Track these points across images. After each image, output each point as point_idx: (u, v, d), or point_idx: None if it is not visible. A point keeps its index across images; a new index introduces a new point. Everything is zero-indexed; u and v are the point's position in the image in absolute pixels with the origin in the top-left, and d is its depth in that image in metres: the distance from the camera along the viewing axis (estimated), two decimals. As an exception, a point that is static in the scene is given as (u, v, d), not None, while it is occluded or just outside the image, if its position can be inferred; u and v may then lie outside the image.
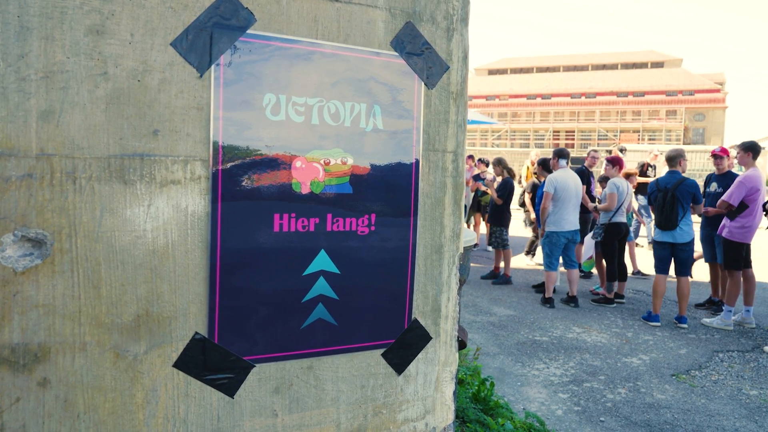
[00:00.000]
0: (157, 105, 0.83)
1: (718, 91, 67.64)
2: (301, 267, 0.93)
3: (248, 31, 0.87)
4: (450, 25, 1.03)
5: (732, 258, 6.16)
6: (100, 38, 0.79)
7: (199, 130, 0.86)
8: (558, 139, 67.52)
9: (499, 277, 8.25)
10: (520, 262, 9.96)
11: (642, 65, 75.98)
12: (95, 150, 0.80)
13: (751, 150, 6.19)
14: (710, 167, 10.01)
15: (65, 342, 0.80)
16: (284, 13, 0.89)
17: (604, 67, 77.54)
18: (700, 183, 7.45)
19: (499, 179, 8.48)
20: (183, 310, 0.86)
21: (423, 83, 1.00)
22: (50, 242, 0.77)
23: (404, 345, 1.01)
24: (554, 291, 7.39)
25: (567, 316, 6.62)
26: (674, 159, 6.49)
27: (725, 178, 6.68)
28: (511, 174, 8.43)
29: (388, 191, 0.98)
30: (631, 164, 10.10)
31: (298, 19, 0.90)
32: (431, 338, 1.04)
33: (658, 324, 6.33)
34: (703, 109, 67.20)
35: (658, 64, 75.92)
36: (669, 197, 6.19)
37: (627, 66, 76.53)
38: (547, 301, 7.05)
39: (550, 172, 7.74)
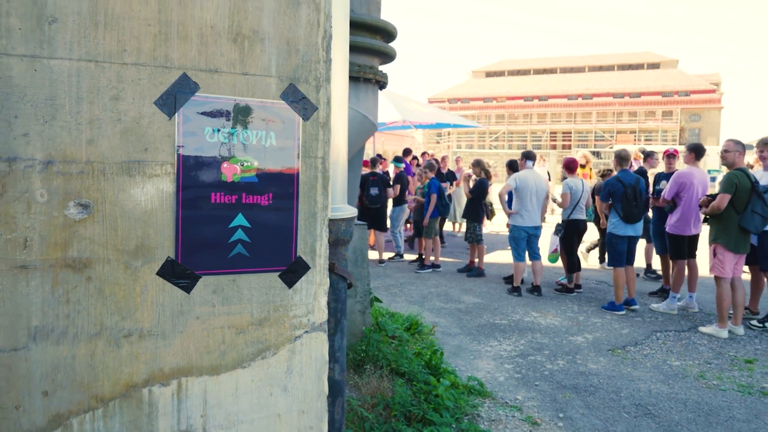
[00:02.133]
0: (147, 135, 1.51)
1: (713, 91, 67.89)
2: (228, 222, 1.61)
3: (196, 93, 1.55)
4: (318, 83, 1.71)
5: (673, 249, 6.85)
6: (117, 101, 1.47)
7: (169, 147, 1.54)
8: (555, 140, 67.92)
9: (472, 270, 8.92)
10: (496, 257, 10.64)
11: (638, 66, 76.24)
12: (115, 159, 1.48)
13: (694, 151, 6.87)
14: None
15: (99, 258, 1.48)
16: (216, 83, 1.57)
17: (600, 68, 77.75)
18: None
19: (476, 178, 9.15)
20: (161, 244, 1.54)
21: (301, 118, 1.68)
22: (92, 206, 1.46)
23: (292, 270, 1.70)
24: (521, 282, 8.06)
25: (529, 304, 7.27)
26: (627, 159, 7.17)
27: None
28: (488, 175, 9.10)
29: (280, 181, 1.65)
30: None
31: (224, 85, 1.58)
32: (310, 267, 1.72)
33: (623, 312, 6.92)
34: (699, 109, 67.46)
35: (654, 65, 76.16)
36: (637, 193, 6.85)
37: (623, 67, 76.76)
38: (515, 290, 7.70)
39: (516, 171, 8.41)
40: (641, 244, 8.67)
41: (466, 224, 9.12)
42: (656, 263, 8.62)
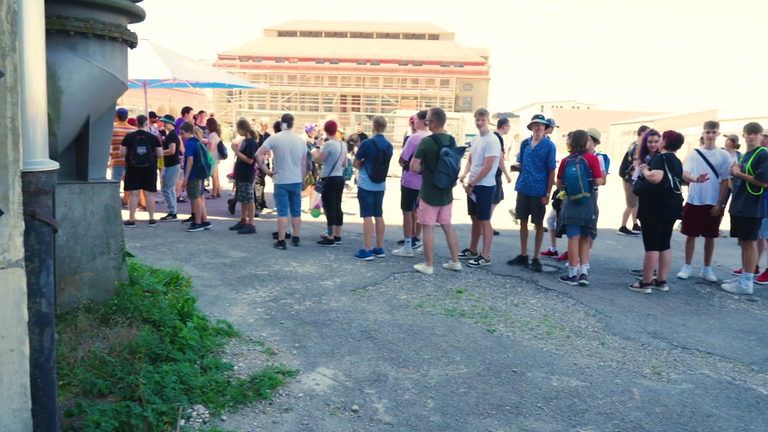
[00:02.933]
0: None
1: (483, 64, 75.41)
2: None
3: None
4: (3, 52, 1.96)
5: (406, 201, 7.98)
6: None
7: None
8: (345, 103, 70.08)
9: (243, 227, 9.31)
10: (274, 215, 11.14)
11: (420, 36, 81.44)
12: None
13: (421, 117, 8.00)
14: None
15: None
16: None
17: (387, 35, 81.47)
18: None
19: (242, 139, 9.45)
20: None
21: (-12, 82, 1.92)
22: None
23: (-15, 215, 1.96)
24: (288, 236, 8.66)
25: (291, 255, 7.89)
26: (384, 125, 8.08)
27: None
28: (254, 135, 9.46)
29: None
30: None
31: None
32: (3, 213, 2.00)
33: (372, 258, 7.85)
34: (471, 79, 74.54)
35: (434, 36, 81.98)
36: (387, 157, 7.82)
37: (407, 36, 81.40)
38: (280, 244, 8.27)
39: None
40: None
41: (235, 184, 9.43)
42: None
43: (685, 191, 6.96)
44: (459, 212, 10.68)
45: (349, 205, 11.70)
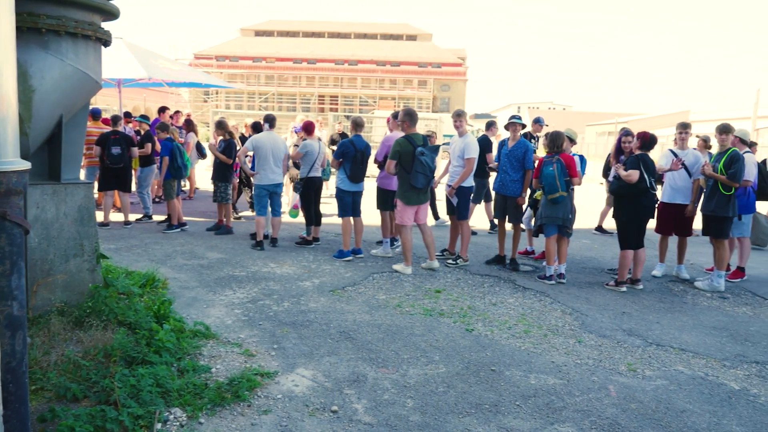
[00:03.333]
0: None
1: (460, 65, 75.69)
2: None
3: None
4: None
5: (381, 201, 7.98)
6: None
7: None
8: (323, 103, 69.82)
9: (221, 228, 9.22)
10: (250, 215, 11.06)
11: (398, 37, 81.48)
12: None
13: (395, 117, 8.02)
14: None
15: None
16: None
17: (365, 36, 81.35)
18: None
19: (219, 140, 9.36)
20: None
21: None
22: None
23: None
24: (266, 236, 8.60)
25: (270, 256, 7.84)
26: (362, 126, 8.07)
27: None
28: (232, 135, 9.38)
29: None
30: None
31: None
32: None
33: (351, 258, 7.84)
34: (449, 80, 74.74)
35: (411, 37, 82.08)
36: (365, 157, 7.80)
37: (385, 37, 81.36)
38: (258, 245, 8.21)
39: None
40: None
41: (214, 184, 9.34)
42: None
43: (659, 191, 7.08)
44: (439, 212, 10.71)
45: (331, 206, 11.67)
